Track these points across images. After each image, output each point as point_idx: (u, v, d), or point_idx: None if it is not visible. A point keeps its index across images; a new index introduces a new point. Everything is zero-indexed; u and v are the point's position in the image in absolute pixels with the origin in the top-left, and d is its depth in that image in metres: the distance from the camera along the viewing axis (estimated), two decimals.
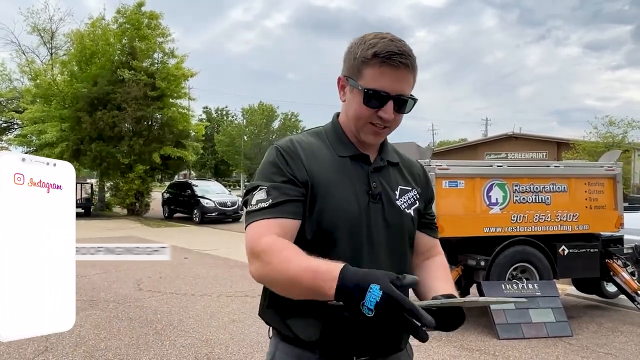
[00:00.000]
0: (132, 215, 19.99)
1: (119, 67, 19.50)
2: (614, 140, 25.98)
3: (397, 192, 1.39)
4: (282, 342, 1.34)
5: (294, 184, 1.27)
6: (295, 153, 1.31)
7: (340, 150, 1.37)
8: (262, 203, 1.24)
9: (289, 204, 1.24)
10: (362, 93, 1.27)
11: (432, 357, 4.76)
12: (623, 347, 5.20)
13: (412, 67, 1.28)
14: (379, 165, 1.39)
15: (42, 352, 4.64)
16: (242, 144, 43.23)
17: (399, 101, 1.28)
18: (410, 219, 1.40)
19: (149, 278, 8.12)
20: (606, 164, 6.57)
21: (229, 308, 6.37)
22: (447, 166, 5.87)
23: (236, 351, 4.82)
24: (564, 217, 6.13)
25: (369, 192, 1.34)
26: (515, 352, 4.93)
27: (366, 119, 1.31)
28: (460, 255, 6.06)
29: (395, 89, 1.26)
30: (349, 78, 1.32)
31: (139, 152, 19.37)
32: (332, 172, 1.33)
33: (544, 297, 5.70)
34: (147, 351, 4.79)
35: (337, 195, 1.30)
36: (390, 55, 1.24)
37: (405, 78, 1.27)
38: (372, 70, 1.26)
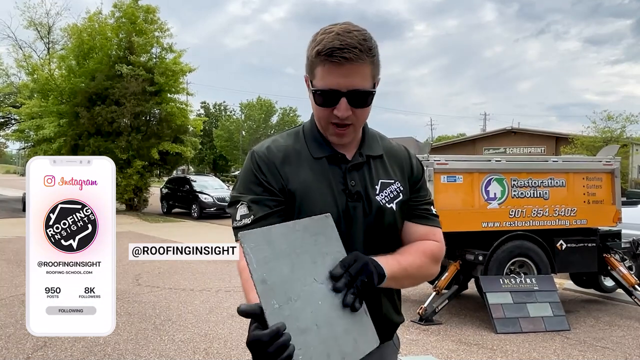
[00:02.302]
0: (130, 210, 19.96)
1: (117, 62, 19.43)
2: (612, 135, 26.01)
3: (378, 187, 1.35)
4: None
5: (272, 194, 1.29)
6: (271, 161, 1.32)
7: (316, 152, 1.35)
8: (245, 219, 1.27)
9: (270, 217, 1.26)
10: (314, 94, 1.26)
11: (430, 351, 4.77)
12: (620, 341, 5.22)
13: (361, 58, 1.20)
14: (357, 162, 1.35)
15: (41, 347, 4.65)
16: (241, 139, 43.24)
17: (354, 95, 1.23)
18: (392, 213, 1.35)
19: (147, 273, 8.13)
20: (604, 158, 6.57)
21: (228, 303, 6.38)
22: (446, 161, 5.87)
23: (235, 346, 4.84)
24: (562, 212, 6.13)
25: (345, 191, 1.32)
26: (513, 347, 4.95)
27: (325, 119, 1.29)
28: (458, 250, 6.08)
29: (345, 85, 1.21)
30: (308, 78, 1.30)
31: (137, 148, 19.33)
32: (308, 175, 1.31)
33: (542, 292, 5.72)
34: (146, 346, 4.80)
35: (315, 198, 1.29)
36: (331, 52, 1.19)
37: (355, 71, 1.21)
38: (319, 69, 1.23)
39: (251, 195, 1.28)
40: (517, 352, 4.82)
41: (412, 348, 4.81)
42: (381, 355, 1.37)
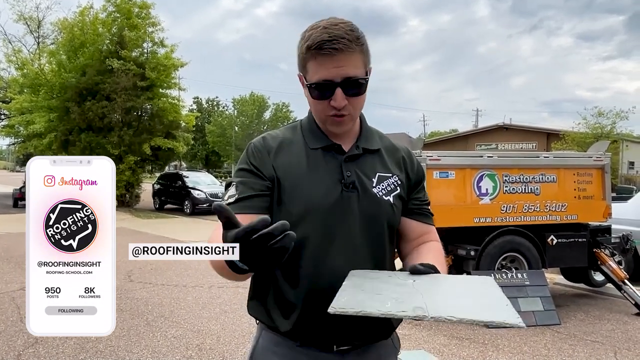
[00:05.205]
0: (122, 206, 19.84)
1: (108, 56, 19.27)
2: (603, 131, 26.20)
3: (375, 180, 1.36)
4: (265, 330, 1.39)
5: (260, 178, 1.32)
6: (264, 148, 1.36)
7: (313, 143, 1.37)
8: (230, 198, 1.31)
9: (254, 198, 1.30)
10: (309, 88, 1.29)
11: (422, 345, 4.81)
12: (610, 334, 5.29)
13: (351, 47, 1.23)
14: (353, 154, 1.37)
15: (32, 345, 4.63)
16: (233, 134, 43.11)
17: (348, 84, 1.25)
18: (389, 205, 1.36)
19: (139, 269, 8.11)
20: (595, 154, 6.63)
21: (221, 299, 6.39)
22: (438, 157, 5.90)
23: (228, 342, 4.85)
24: (553, 207, 6.18)
25: (341, 181, 1.33)
26: (504, 341, 5.00)
27: (323, 112, 1.31)
28: (450, 245, 6.12)
29: (338, 75, 1.24)
30: (302, 75, 1.32)
31: (128, 143, 19.21)
32: (302, 164, 1.34)
33: (533, 286, 5.77)
34: (138, 342, 4.79)
35: (306, 187, 1.31)
36: (320, 45, 1.22)
37: (346, 60, 1.23)
38: (311, 64, 1.26)
39: (240, 178, 1.33)
40: (508, 346, 4.87)
41: (404, 343, 4.84)
42: (379, 356, 1.38)
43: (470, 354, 4.66)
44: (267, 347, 1.37)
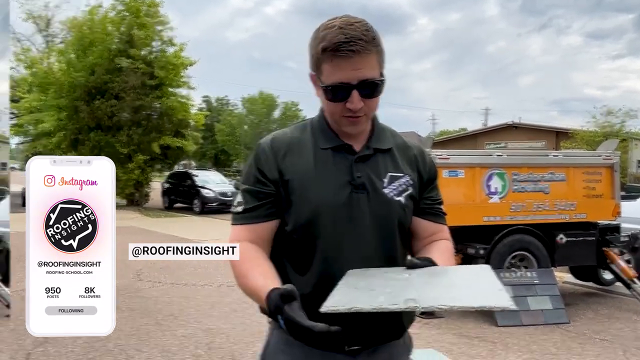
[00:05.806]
0: (131, 205, 19.96)
1: (117, 55, 19.34)
2: (612, 130, 25.96)
3: (386, 180, 1.34)
4: (277, 329, 1.38)
5: (265, 184, 1.32)
6: (272, 151, 1.34)
7: (323, 143, 1.35)
8: (239, 207, 1.35)
9: (261, 208, 1.32)
10: (324, 90, 1.27)
11: (431, 344, 4.79)
12: (619, 333, 5.24)
13: (368, 49, 1.21)
14: (364, 154, 1.35)
15: (41, 343, 4.66)
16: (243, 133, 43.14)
17: (364, 86, 1.23)
18: (400, 206, 1.34)
19: (149, 269, 8.14)
20: (604, 153, 6.58)
21: (230, 298, 6.39)
22: (447, 155, 5.87)
23: (237, 341, 4.85)
24: (562, 206, 6.14)
25: (351, 182, 1.31)
26: (514, 339, 4.97)
27: (338, 113, 1.29)
28: (459, 244, 6.09)
29: (355, 77, 1.22)
30: (315, 75, 1.31)
31: (137, 142, 19.31)
32: (311, 165, 1.32)
33: (542, 285, 5.73)
34: (148, 341, 4.81)
35: (315, 188, 1.30)
36: (337, 46, 1.19)
37: (363, 62, 1.22)
38: (326, 65, 1.23)
39: (247, 185, 1.35)
40: (517, 344, 4.84)
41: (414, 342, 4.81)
42: (390, 355, 1.37)
43: (480, 353, 4.64)
44: (278, 346, 1.37)
